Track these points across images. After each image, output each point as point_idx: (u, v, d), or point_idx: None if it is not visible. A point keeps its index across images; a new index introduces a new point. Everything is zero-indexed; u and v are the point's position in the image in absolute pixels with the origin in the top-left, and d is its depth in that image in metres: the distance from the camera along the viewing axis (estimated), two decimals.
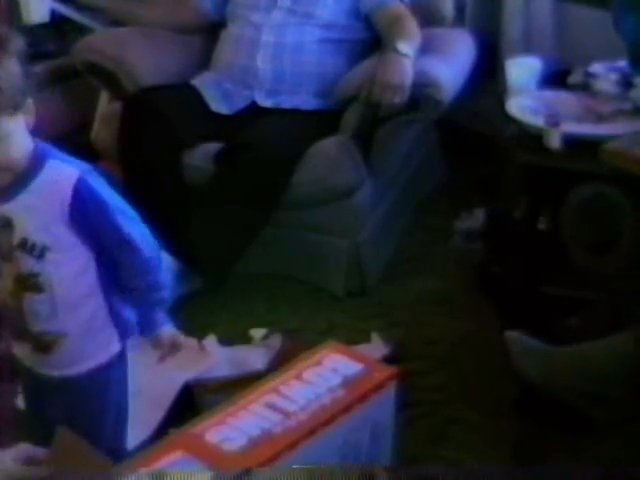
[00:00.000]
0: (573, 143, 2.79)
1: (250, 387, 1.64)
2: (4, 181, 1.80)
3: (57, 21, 3.66)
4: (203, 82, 3.31)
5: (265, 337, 2.89)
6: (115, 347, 1.94)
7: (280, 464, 1.47)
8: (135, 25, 3.46)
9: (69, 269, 1.85)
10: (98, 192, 1.82)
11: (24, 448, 1.62)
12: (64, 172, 1.81)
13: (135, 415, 2.08)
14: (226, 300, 3.06)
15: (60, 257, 1.83)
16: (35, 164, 1.80)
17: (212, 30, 3.45)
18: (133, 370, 2.02)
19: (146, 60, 3.33)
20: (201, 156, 3.10)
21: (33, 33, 3.67)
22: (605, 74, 3.04)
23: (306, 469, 1.48)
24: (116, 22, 3.55)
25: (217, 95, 3.27)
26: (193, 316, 2.96)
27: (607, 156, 2.56)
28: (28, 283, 1.84)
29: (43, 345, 1.89)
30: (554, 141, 2.80)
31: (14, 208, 1.81)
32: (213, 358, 2.77)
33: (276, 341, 2.84)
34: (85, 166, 1.84)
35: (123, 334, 1.94)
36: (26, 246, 1.82)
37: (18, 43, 1.77)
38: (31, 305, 1.86)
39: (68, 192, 1.79)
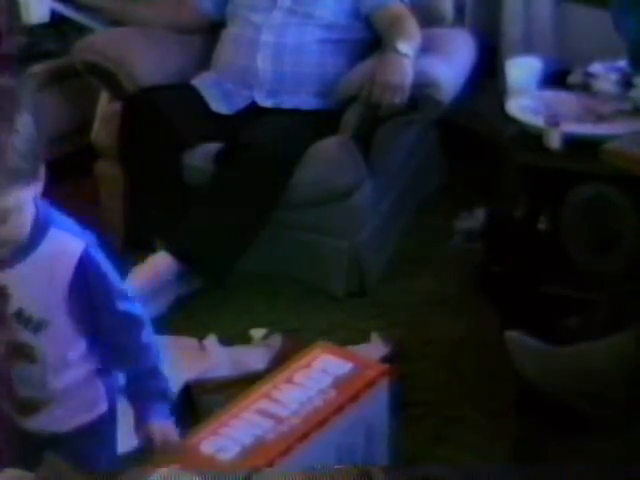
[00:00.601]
0: (573, 143, 2.79)
1: (246, 391, 1.64)
2: (7, 252, 1.69)
3: (57, 21, 3.65)
4: (203, 82, 3.31)
5: (265, 337, 2.89)
6: (103, 406, 1.86)
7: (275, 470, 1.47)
8: (135, 25, 3.45)
9: (65, 344, 1.77)
10: (101, 267, 1.73)
11: (13, 473, 1.59)
12: (67, 244, 1.71)
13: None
14: (226, 300, 3.06)
15: (56, 333, 1.75)
16: (37, 233, 1.69)
17: (212, 30, 3.45)
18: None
19: (146, 60, 3.33)
20: (201, 156, 3.10)
21: (33, 33, 3.68)
22: (605, 74, 3.04)
23: (304, 472, 1.48)
24: (116, 22, 3.54)
25: (217, 95, 3.27)
26: (193, 316, 2.96)
27: (607, 156, 2.55)
28: (21, 352, 1.77)
29: (29, 408, 1.82)
30: (554, 141, 2.80)
31: (11, 277, 1.71)
32: (213, 358, 2.77)
33: (276, 341, 2.84)
34: (88, 236, 1.75)
35: (111, 395, 1.87)
36: (22, 317, 1.74)
37: (29, 94, 1.65)
38: (21, 373, 1.79)
39: (71, 266, 1.70)
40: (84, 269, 1.71)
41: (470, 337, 2.87)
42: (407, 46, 3.07)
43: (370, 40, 3.29)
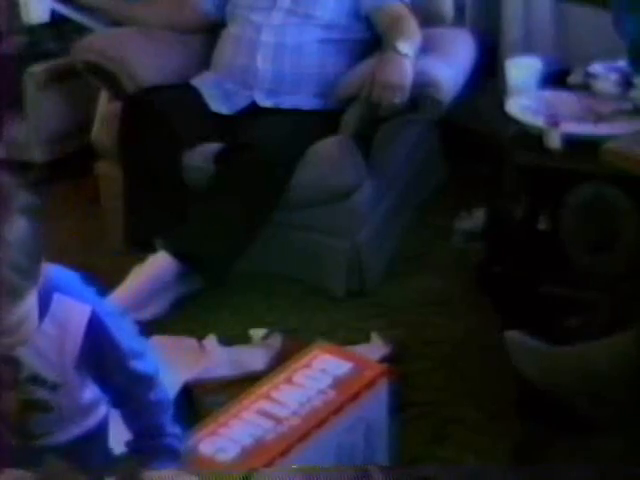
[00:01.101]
0: (573, 143, 2.79)
1: (246, 391, 1.64)
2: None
3: (57, 21, 3.65)
4: (203, 82, 3.31)
5: (265, 337, 2.89)
6: (102, 411, 1.87)
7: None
8: (135, 26, 3.45)
9: (81, 397, 1.79)
10: (110, 330, 1.71)
11: (13, 473, 1.59)
12: (74, 311, 1.68)
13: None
14: (226, 300, 3.06)
15: (72, 390, 1.76)
16: (42, 303, 1.64)
17: (212, 30, 3.45)
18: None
19: (146, 60, 3.33)
20: (201, 156, 3.10)
21: (33, 33, 3.68)
22: (605, 74, 3.04)
23: (303, 471, 1.48)
24: (116, 22, 3.54)
25: (217, 95, 3.27)
26: (193, 316, 2.96)
27: (607, 156, 2.56)
28: (37, 406, 1.77)
29: (39, 436, 1.82)
30: (554, 141, 2.80)
31: (25, 345, 1.68)
32: (213, 358, 2.77)
33: (276, 341, 2.84)
34: (93, 297, 1.72)
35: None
36: (37, 380, 1.73)
37: (23, 197, 1.54)
38: (36, 420, 1.79)
39: (80, 333, 1.68)
40: (94, 334, 1.69)
41: (470, 337, 2.87)
42: (407, 46, 3.06)
43: (370, 40, 3.29)
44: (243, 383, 2.20)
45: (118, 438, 1.86)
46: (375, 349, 2.78)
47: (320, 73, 3.24)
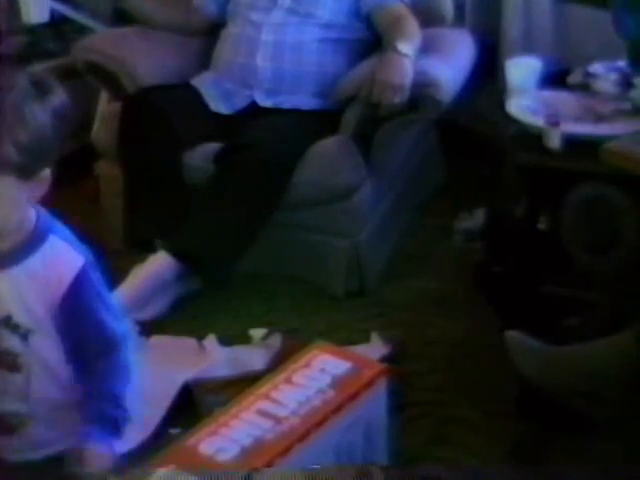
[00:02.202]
0: (573, 143, 2.79)
1: (245, 391, 1.65)
2: None
3: (57, 21, 3.66)
4: (203, 82, 3.31)
5: (265, 337, 2.89)
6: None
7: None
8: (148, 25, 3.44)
9: (52, 355, 1.73)
10: (94, 287, 1.70)
11: None
12: (66, 257, 1.67)
13: (134, 415, 2.07)
14: (226, 300, 3.06)
15: (44, 342, 1.71)
16: (35, 239, 1.66)
17: (212, 30, 3.45)
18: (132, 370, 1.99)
19: (146, 60, 3.33)
20: (201, 156, 3.10)
21: (33, 33, 3.68)
22: (605, 74, 3.04)
23: (303, 471, 1.48)
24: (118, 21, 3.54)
25: (217, 95, 3.27)
26: (193, 316, 2.96)
27: (607, 156, 2.56)
28: (4, 359, 1.72)
29: (7, 426, 1.77)
30: (554, 141, 2.80)
31: (6, 280, 1.67)
32: (213, 358, 2.77)
33: (276, 341, 2.84)
34: (86, 252, 1.71)
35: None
36: (10, 323, 1.69)
37: (59, 102, 1.62)
38: (2, 382, 1.73)
39: (67, 280, 1.66)
40: (79, 286, 1.67)
41: (470, 337, 2.87)
42: (407, 46, 3.06)
43: (370, 40, 3.29)
44: (243, 383, 2.20)
45: None
46: (375, 349, 2.78)
47: (320, 72, 3.24)
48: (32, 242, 1.66)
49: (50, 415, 1.77)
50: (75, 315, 1.69)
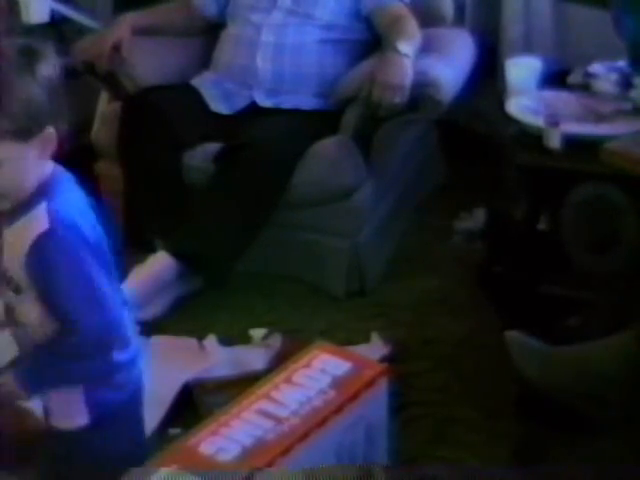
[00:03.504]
0: (573, 143, 2.79)
1: (246, 391, 1.65)
2: (3, 206, 1.73)
3: (57, 21, 3.65)
4: (203, 82, 3.31)
5: (265, 337, 2.89)
6: (81, 420, 1.81)
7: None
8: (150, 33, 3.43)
9: (31, 315, 1.76)
10: (53, 260, 1.69)
11: None
12: (37, 222, 1.70)
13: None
14: (226, 300, 3.06)
15: (28, 300, 1.75)
16: (30, 201, 1.72)
17: (212, 30, 3.45)
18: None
19: (146, 60, 3.33)
20: (201, 156, 3.10)
21: (33, 33, 3.67)
22: (605, 74, 3.04)
23: (304, 471, 1.48)
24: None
25: (217, 95, 3.27)
26: (193, 316, 2.96)
27: (607, 156, 2.56)
28: (11, 315, 1.78)
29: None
30: (554, 141, 2.80)
31: (7, 235, 1.75)
32: (213, 358, 2.77)
33: (276, 341, 2.84)
34: (67, 219, 1.72)
35: (94, 413, 1.81)
36: (6, 277, 1.76)
37: (48, 66, 1.70)
38: (15, 338, 1.80)
39: (27, 246, 1.70)
40: (34, 254, 1.69)
41: (470, 337, 2.87)
42: (407, 46, 3.06)
43: (370, 40, 3.29)
44: (243, 383, 2.20)
45: None
46: (375, 349, 2.79)
47: (320, 73, 3.24)
48: (29, 202, 1.71)
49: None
50: (36, 281, 1.71)
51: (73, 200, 1.78)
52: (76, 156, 1.86)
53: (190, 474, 1.43)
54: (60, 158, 1.79)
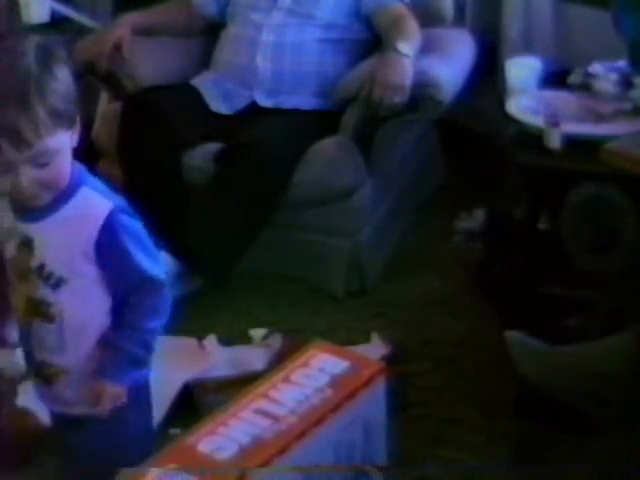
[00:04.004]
0: (573, 143, 2.79)
1: (245, 391, 1.65)
2: (43, 200, 1.73)
3: (57, 21, 3.66)
4: (203, 82, 3.31)
5: (265, 337, 2.89)
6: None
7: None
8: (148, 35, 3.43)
9: (83, 305, 1.77)
10: (127, 230, 1.75)
11: None
12: (96, 204, 1.74)
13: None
14: (226, 300, 3.06)
15: (75, 292, 1.75)
16: (69, 189, 1.74)
17: (212, 30, 3.45)
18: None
19: (146, 60, 3.33)
20: (201, 156, 3.10)
21: (33, 33, 3.68)
22: (605, 74, 3.04)
23: (301, 469, 1.48)
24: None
25: (217, 95, 3.27)
26: (193, 316, 2.96)
27: (607, 156, 2.56)
28: (39, 310, 1.77)
29: (44, 375, 1.82)
30: (554, 141, 2.80)
31: (39, 230, 1.74)
32: (213, 358, 2.77)
33: (276, 341, 2.84)
34: (117, 199, 1.77)
35: (132, 393, 1.83)
36: (43, 272, 1.75)
37: (64, 51, 1.73)
38: (39, 331, 1.79)
39: (97, 227, 1.72)
40: (110, 230, 1.73)
41: (470, 337, 2.87)
42: (407, 46, 3.06)
43: (370, 40, 3.29)
44: (243, 383, 2.19)
45: None
46: (375, 349, 2.78)
47: (320, 73, 3.24)
48: (66, 193, 1.73)
49: (83, 370, 1.80)
50: (111, 258, 1.74)
51: (100, 183, 1.81)
52: (76, 156, 1.87)
53: (186, 473, 1.43)
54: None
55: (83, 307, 1.77)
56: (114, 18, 3.53)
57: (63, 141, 1.69)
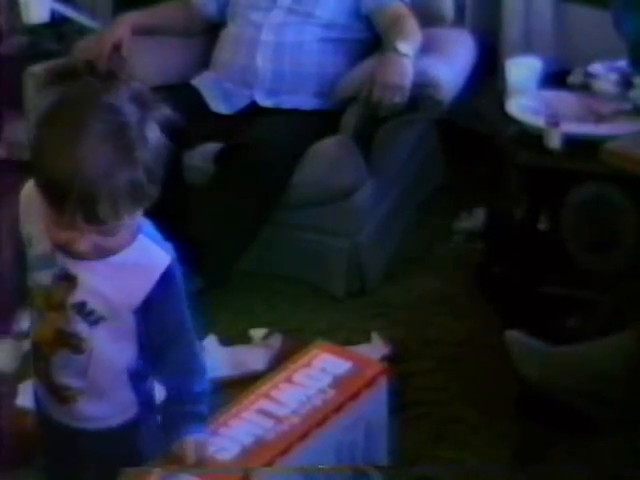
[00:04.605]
0: (573, 143, 2.79)
1: (246, 391, 1.65)
2: (91, 257, 1.67)
3: (57, 21, 3.65)
4: (203, 82, 3.31)
5: (265, 337, 2.89)
6: (130, 413, 1.81)
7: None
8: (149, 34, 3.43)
9: (117, 342, 1.75)
10: (180, 282, 1.74)
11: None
12: (155, 256, 1.72)
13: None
14: (226, 300, 3.06)
15: (112, 330, 1.73)
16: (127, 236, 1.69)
17: (212, 30, 3.45)
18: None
19: (146, 60, 3.33)
20: (201, 156, 3.10)
21: (33, 33, 3.68)
22: (605, 74, 3.04)
23: (303, 470, 1.48)
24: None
25: (217, 95, 3.27)
26: (193, 316, 2.95)
27: (607, 156, 2.56)
28: (70, 342, 1.74)
29: (60, 397, 1.80)
30: (554, 141, 2.80)
31: (87, 269, 1.69)
32: (213, 358, 2.76)
33: (276, 341, 2.84)
34: (171, 250, 1.75)
35: (143, 402, 1.82)
36: (84, 310, 1.71)
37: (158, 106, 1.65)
38: (62, 360, 1.76)
39: (154, 278, 1.69)
40: (166, 283, 1.71)
41: (470, 337, 2.87)
42: (407, 46, 3.06)
43: (370, 40, 3.29)
44: (243, 383, 2.20)
45: None
46: (375, 349, 2.79)
47: (320, 73, 3.23)
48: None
49: (100, 394, 1.79)
50: (159, 310, 1.72)
51: (154, 230, 1.80)
52: None
53: (188, 473, 1.43)
54: None
55: (115, 344, 1.75)
56: (114, 18, 3.53)
57: (137, 217, 1.66)
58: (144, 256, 1.71)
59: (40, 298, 1.75)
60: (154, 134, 1.65)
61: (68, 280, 1.70)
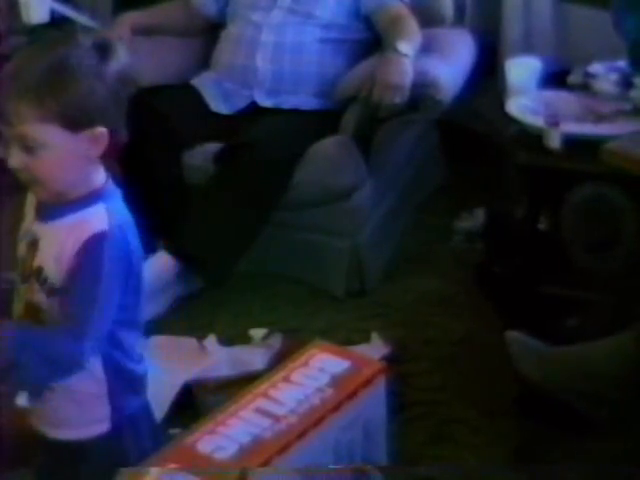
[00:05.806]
0: (573, 143, 2.79)
1: (245, 390, 1.65)
2: (39, 195, 1.70)
3: (57, 21, 3.65)
4: (203, 82, 3.31)
5: (265, 337, 2.89)
6: (102, 427, 1.77)
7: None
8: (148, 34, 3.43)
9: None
10: (106, 263, 1.65)
11: None
12: (93, 222, 1.67)
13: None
14: (226, 300, 3.06)
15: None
16: (84, 200, 1.69)
17: (212, 30, 3.45)
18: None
19: (146, 60, 3.32)
20: (201, 156, 3.10)
21: (33, 33, 3.67)
22: (605, 74, 3.04)
23: (300, 470, 1.47)
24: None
25: (217, 95, 3.27)
26: (193, 316, 2.96)
27: (607, 156, 2.56)
28: (34, 314, 1.72)
29: (37, 392, 1.77)
30: (554, 141, 2.80)
31: (45, 231, 1.70)
32: (213, 358, 2.77)
33: (276, 341, 2.84)
34: (131, 230, 1.71)
35: (115, 418, 1.77)
36: (41, 276, 1.70)
37: (118, 66, 1.70)
38: None
39: (78, 244, 1.65)
40: (86, 251, 1.65)
41: (470, 337, 2.87)
42: (407, 46, 3.06)
43: (370, 40, 3.29)
44: (243, 383, 2.20)
45: None
46: (375, 349, 2.79)
47: (320, 73, 3.24)
48: (79, 203, 1.68)
49: (69, 388, 1.74)
50: (71, 281, 1.66)
51: (125, 211, 1.76)
52: None
53: (185, 473, 1.43)
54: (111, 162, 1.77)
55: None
56: (114, 18, 3.53)
57: (59, 138, 1.64)
58: (85, 220, 1.68)
59: (18, 271, 1.74)
60: (92, 76, 1.67)
61: (34, 245, 1.70)
